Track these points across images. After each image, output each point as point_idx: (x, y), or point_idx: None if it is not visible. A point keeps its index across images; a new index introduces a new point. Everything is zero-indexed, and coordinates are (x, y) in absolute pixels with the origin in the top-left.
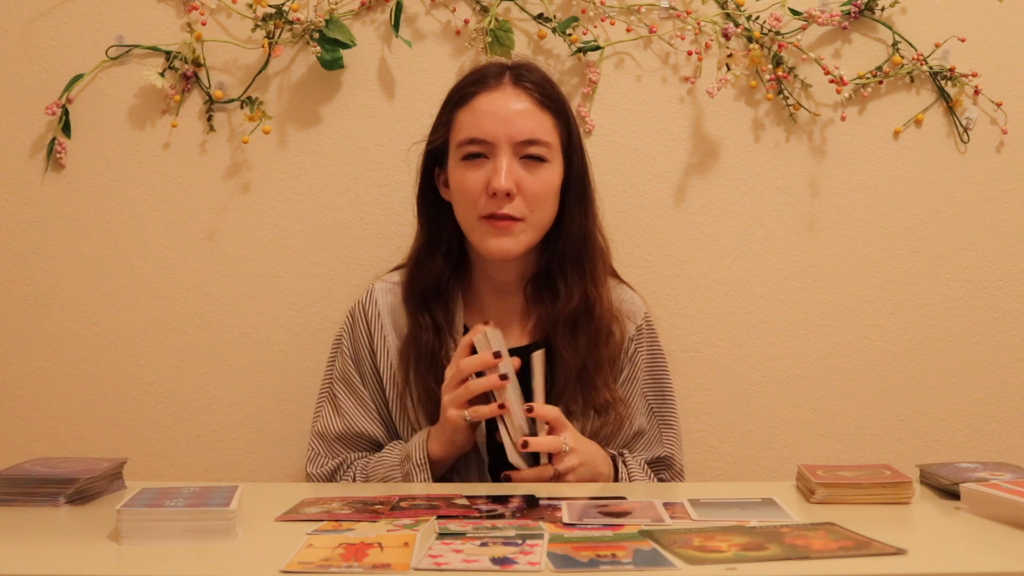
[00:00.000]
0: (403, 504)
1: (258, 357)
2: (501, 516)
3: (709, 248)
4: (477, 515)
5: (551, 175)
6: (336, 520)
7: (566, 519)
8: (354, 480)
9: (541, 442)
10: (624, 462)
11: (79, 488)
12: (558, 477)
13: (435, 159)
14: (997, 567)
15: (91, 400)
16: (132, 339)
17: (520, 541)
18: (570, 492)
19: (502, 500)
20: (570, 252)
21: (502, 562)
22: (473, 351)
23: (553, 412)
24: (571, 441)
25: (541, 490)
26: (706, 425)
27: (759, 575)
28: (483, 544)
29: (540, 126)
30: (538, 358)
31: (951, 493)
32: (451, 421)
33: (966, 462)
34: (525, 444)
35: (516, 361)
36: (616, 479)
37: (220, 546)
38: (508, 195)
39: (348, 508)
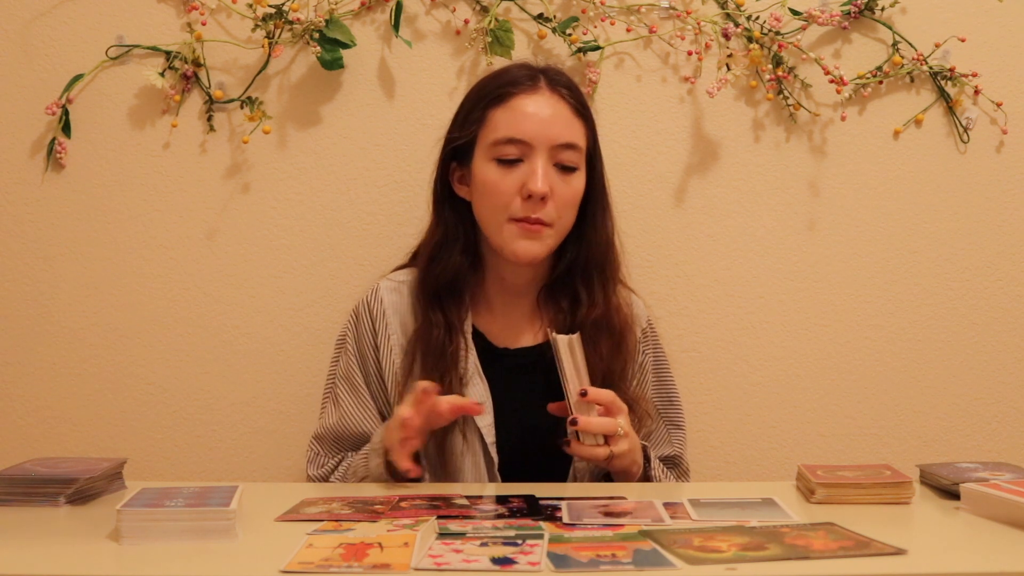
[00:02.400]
0: (403, 504)
1: (258, 357)
2: (501, 516)
3: (709, 248)
4: (477, 515)
5: (580, 183)
6: (336, 520)
7: (566, 519)
8: (343, 479)
9: (592, 423)
10: (649, 454)
11: (79, 488)
12: (610, 459)
13: (452, 155)
14: (997, 567)
15: (91, 400)
16: (132, 339)
17: (520, 541)
18: (570, 492)
19: (502, 500)
20: (594, 260)
21: (502, 562)
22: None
23: (608, 396)
24: (626, 425)
25: (541, 490)
26: (706, 425)
27: (759, 575)
28: (483, 544)
29: (575, 132)
30: (574, 342)
31: (951, 493)
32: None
33: (966, 462)
34: (575, 422)
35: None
36: (646, 468)
37: (220, 546)
38: (543, 199)
39: (348, 508)
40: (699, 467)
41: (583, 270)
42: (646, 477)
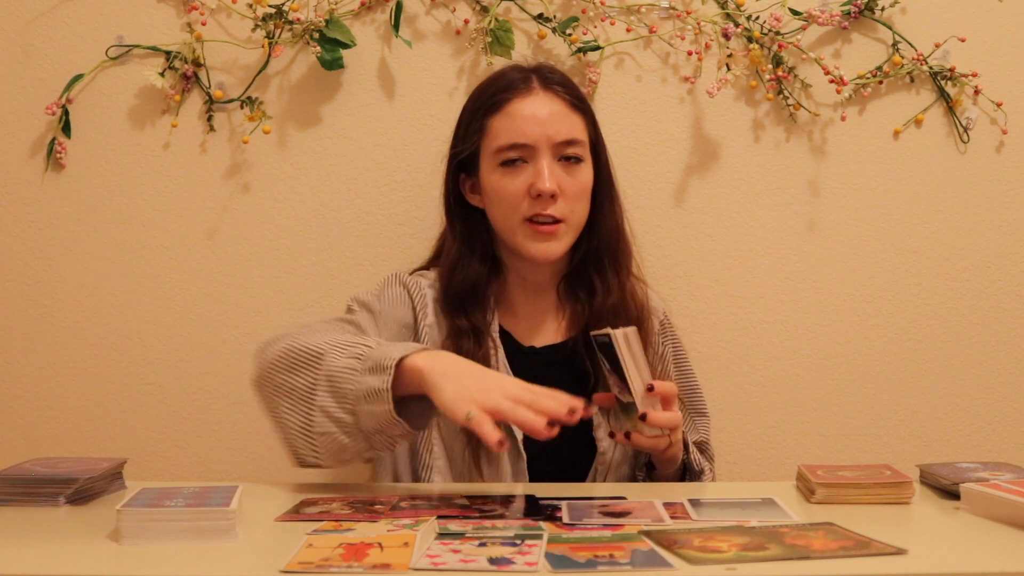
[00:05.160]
0: (403, 504)
1: None
2: (501, 516)
3: (709, 248)
4: (477, 515)
5: (586, 175)
6: (336, 520)
7: (566, 519)
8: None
9: (662, 417)
10: (687, 439)
11: (79, 488)
12: (668, 448)
13: (460, 167)
14: (997, 567)
15: (91, 400)
16: (132, 339)
17: (519, 541)
18: (571, 492)
19: (503, 500)
20: (605, 248)
21: (500, 562)
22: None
23: (673, 388)
24: (680, 413)
25: (541, 490)
26: None
27: (759, 575)
28: (481, 544)
29: (575, 126)
30: (631, 335)
31: (951, 493)
32: (453, 404)
33: (966, 462)
34: (644, 417)
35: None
36: (685, 454)
37: (220, 546)
38: (552, 197)
39: (348, 508)
40: None
41: (596, 259)
42: (684, 465)
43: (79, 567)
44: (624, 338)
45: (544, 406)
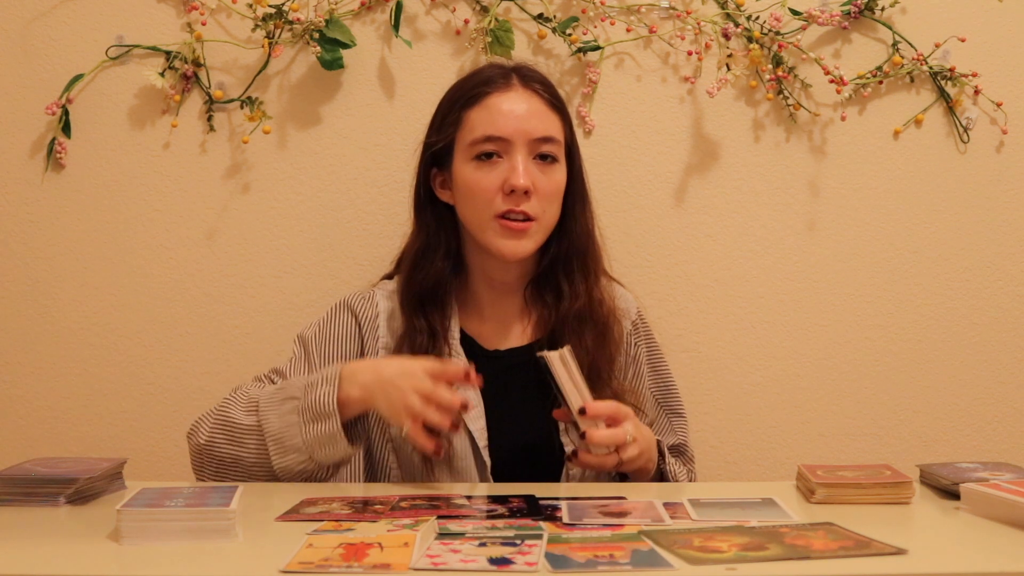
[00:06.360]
0: (403, 504)
1: (258, 357)
2: (501, 516)
3: (709, 248)
4: (477, 515)
5: (560, 175)
6: (336, 520)
7: (566, 519)
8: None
9: (603, 436)
10: (663, 449)
11: (79, 488)
12: (620, 466)
13: (432, 160)
14: (997, 567)
15: (91, 400)
16: (132, 339)
17: (519, 541)
18: (571, 493)
19: (502, 500)
20: (575, 252)
21: (500, 562)
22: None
23: (610, 408)
24: (633, 430)
25: (541, 490)
26: (706, 425)
27: (759, 575)
28: (481, 544)
29: (552, 125)
30: (566, 355)
31: (951, 493)
32: (391, 417)
33: (966, 462)
34: (584, 436)
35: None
36: (660, 463)
37: (220, 546)
38: (526, 193)
39: (348, 508)
40: (699, 467)
41: (564, 263)
42: (660, 473)
43: (79, 567)
44: (560, 360)
45: (442, 399)
